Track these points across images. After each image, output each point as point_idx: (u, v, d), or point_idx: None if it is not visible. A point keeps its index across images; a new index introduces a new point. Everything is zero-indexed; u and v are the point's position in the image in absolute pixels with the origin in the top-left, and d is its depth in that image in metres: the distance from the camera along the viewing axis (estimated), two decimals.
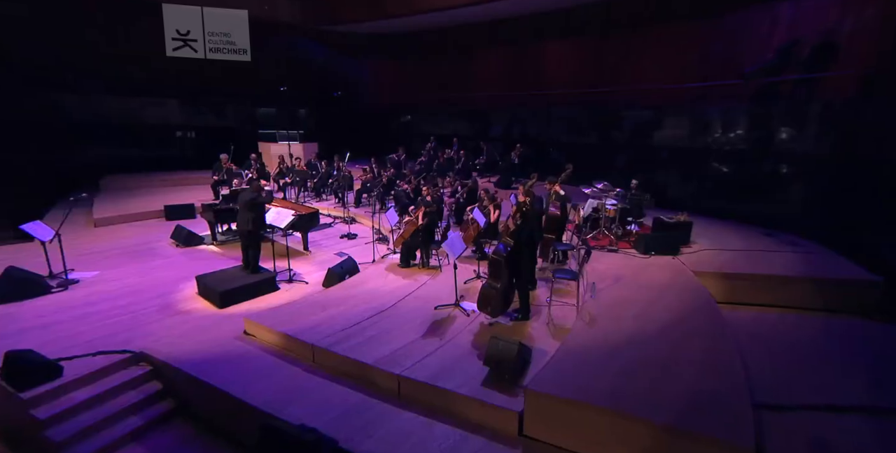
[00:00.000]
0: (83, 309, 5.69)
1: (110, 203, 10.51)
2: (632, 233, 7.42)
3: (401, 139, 14.91)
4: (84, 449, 3.94)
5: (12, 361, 4.38)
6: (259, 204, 6.33)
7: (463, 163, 11.53)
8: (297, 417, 3.71)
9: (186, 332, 5.12)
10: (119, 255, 7.59)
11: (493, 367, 4.10)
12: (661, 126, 10.41)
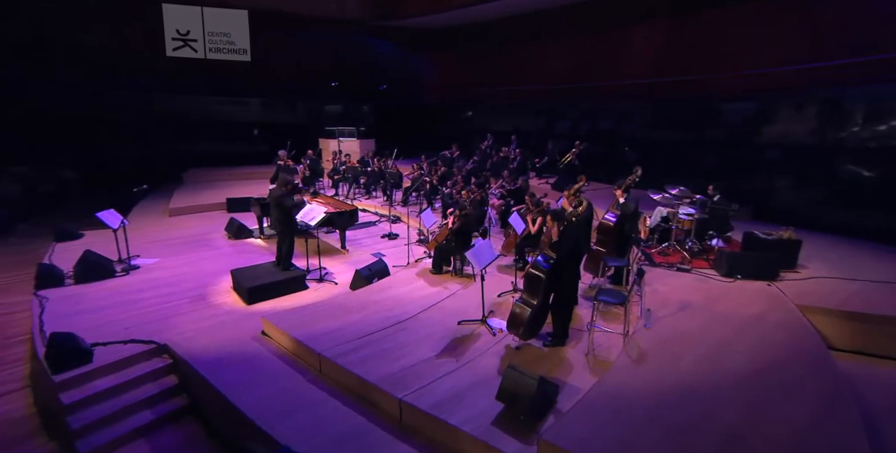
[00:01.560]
0: (132, 295, 5.87)
1: (186, 194, 11.20)
2: (712, 250, 6.20)
3: (462, 135, 14.37)
4: (95, 440, 3.89)
5: (54, 343, 4.50)
6: (284, 203, 6.15)
7: (519, 163, 10.71)
8: (290, 433, 3.34)
9: (210, 327, 5.03)
10: (179, 244, 7.92)
11: (506, 403, 3.42)
12: (769, 119, 8.44)
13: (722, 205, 6.25)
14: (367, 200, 10.73)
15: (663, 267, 6.04)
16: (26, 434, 4.14)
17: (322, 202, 8.24)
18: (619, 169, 8.95)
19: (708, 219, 6.27)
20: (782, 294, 5.11)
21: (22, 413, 4.37)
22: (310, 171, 11.57)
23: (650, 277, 5.65)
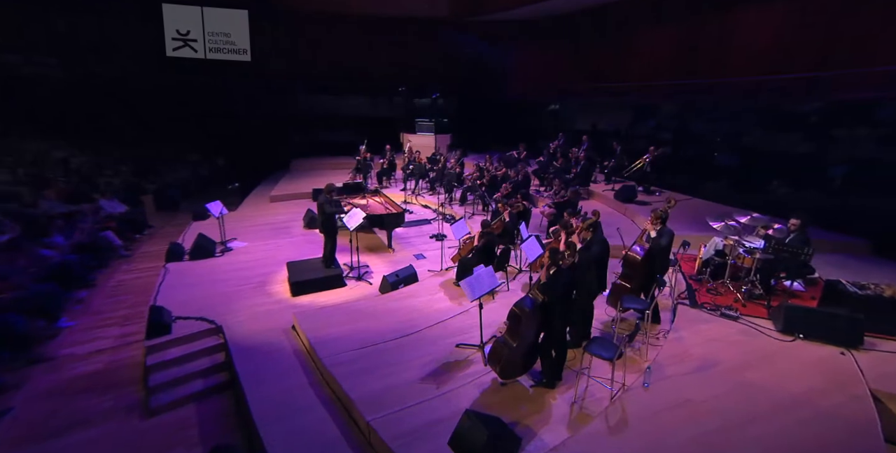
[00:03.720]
0: (218, 275, 6.69)
1: (289, 182, 12.31)
2: (775, 294, 4.90)
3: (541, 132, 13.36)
4: (162, 398, 4.54)
5: (151, 314, 5.41)
6: (325, 209, 6.34)
7: (582, 168, 9.61)
8: (276, 437, 3.54)
9: (258, 314, 5.52)
10: (266, 230, 8.79)
11: (457, 451, 3.20)
12: None
13: (792, 247, 4.86)
14: (430, 197, 10.69)
15: (705, 308, 4.99)
16: (129, 380, 4.97)
17: (377, 202, 8.42)
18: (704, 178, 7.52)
19: (773, 259, 4.94)
20: (857, 369, 3.87)
21: (136, 361, 5.21)
22: (387, 164, 11.91)
23: (682, 321, 4.76)
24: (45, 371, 5.01)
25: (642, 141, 10.23)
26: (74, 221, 8.78)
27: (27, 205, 9.02)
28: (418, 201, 10.56)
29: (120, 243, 8.64)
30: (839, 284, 4.56)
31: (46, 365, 5.12)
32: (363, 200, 8.61)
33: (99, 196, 10.52)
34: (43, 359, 5.20)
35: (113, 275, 7.52)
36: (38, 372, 4.99)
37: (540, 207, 8.40)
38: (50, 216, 8.62)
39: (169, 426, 4.27)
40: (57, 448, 4.01)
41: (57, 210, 9.07)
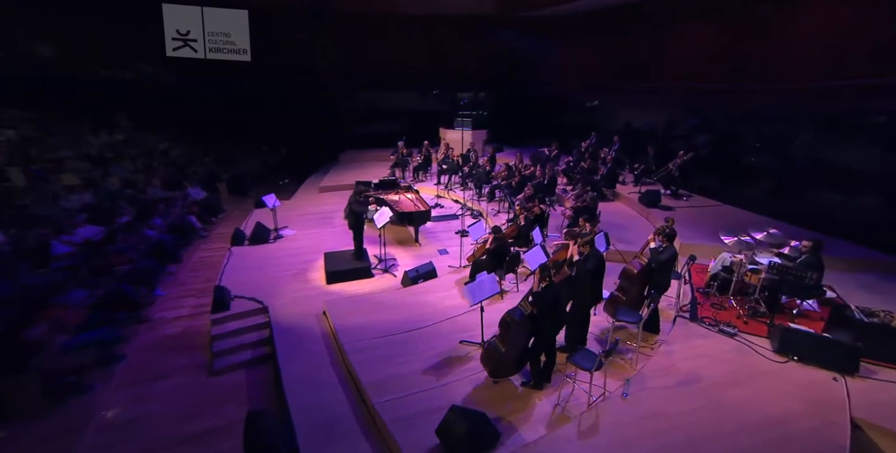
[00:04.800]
0: (270, 260, 7.36)
1: (337, 174, 12.88)
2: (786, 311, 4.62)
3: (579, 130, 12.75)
4: (221, 363, 5.26)
5: (215, 292, 6.17)
6: (355, 209, 6.66)
7: (608, 171, 9.17)
8: (300, 407, 4.02)
9: (297, 299, 6.08)
10: (312, 219, 9.41)
11: (441, 439, 3.50)
12: None
13: (795, 270, 4.48)
14: (461, 192, 10.77)
15: (704, 323, 4.80)
16: (200, 344, 5.73)
17: (408, 198, 8.66)
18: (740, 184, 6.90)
19: (778, 280, 4.61)
20: (845, 396, 3.65)
21: (205, 329, 5.90)
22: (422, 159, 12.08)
23: (678, 334, 4.65)
24: (145, 330, 5.91)
25: (678, 142, 9.48)
26: (169, 206, 9.97)
27: (140, 191, 10.26)
28: (450, 196, 10.69)
29: (200, 226, 9.69)
30: (846, 310, 4.20)
31: (146, 325, 6.02)
32: (396, 196, 8.90)
33: (188, 183, 11.73)
34: (144, 320, 6.11)
35: (193, 253, 8.49)
36: (141, 330, 5.89)
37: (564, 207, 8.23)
38: (154, 201, 9.85)
39: (225, 386, 4.97)
40: (148, 392, 4.80)
41: (159, 196, 10.31)
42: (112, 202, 9.21)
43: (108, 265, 6.94)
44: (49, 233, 7.24)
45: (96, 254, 7.21)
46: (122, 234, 8.11)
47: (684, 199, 8.66)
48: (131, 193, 10.03)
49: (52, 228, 7.47)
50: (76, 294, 5.91)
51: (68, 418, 4.32)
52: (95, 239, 7.60)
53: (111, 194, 9.63)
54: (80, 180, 10.00)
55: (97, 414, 4.38)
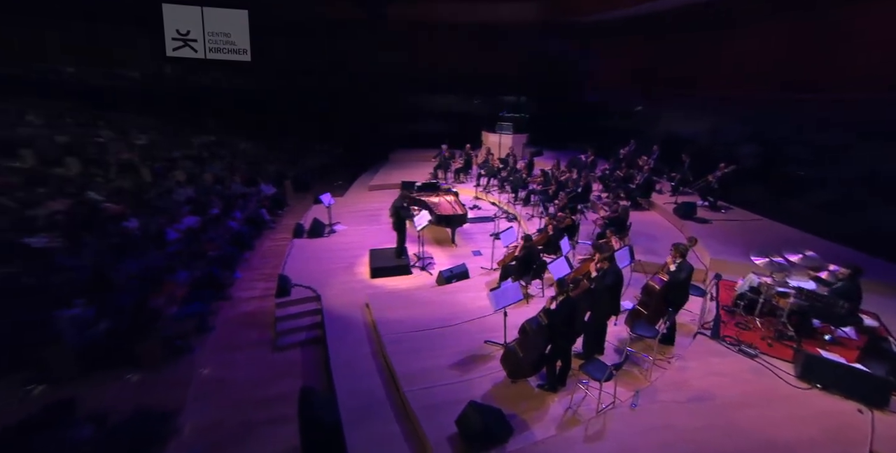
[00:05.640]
0: (324, 253, 7.99)
1: (386, 173, 13.38)
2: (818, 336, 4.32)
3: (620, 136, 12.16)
4: (283, 341, 5.91)
5: (279, 280, 6.91)
6: (398, 213, 6.99)
7: (644, 180, 8.70)
8: (343, 386, 4.49)
9: (345, 290, 6.60)
10: (361, 216, 9.97)
11: (459, 428, 3.78)
12: None
13: (826, 298, 4.10)
14: (499, 195, 10.81)
15: (725, 342, 4.60)
16: (267, 323, 6.37)
17: (447, 201, 8.89)
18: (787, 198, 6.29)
19: (808, 306, 4.26)
20: (869, 429, 3.41)
21: (271, 310, 6.46)
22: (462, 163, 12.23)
23: (695, 350, 4.52)
24: (228, 306, 6.74)
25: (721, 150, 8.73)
26: (246, 200, 11.09)
27: (226, 187, 11.50)
28: (487, 198, 10.79)
29: (269, 218, 10.69)
30: (884, 342, 3.83)
31: (228, 303, 6.86)
32: (436, 198, 9.18)
33: (261, 180, 12.89)
34: (227, 298, 6.96)
35: (264, 242, 9.43)
36: (225, 306, 6.72)
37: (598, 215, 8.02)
38: (235, 196, 11.01)
39: (285, 361, 5.63)
40: (230, 358, 5.56)
41: (239, 191, 11.49)
42: (206, 196, 10.44)
43: (202, 250, 7.98)
44: (165, 222, 8.43)
45: (194, 240, 8.31)
46: (213, 224, 9.23)
47: (722, 212, 8.03)
48: (220, 189, 11.27)
49: (166, 217, 8.68)
50: (181, 274, 6.91)
51: (179, 371, 5.20)
52: (194, 228, 8.73)
53: (206, 189, 10.91)
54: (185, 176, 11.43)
55: (197, 371, 5.22)
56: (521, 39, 14.16)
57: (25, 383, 4.62)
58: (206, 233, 8.71)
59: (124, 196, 9.44)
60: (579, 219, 7.42)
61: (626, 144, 10.61)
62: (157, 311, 5.66)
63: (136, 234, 7.79)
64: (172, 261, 7.09)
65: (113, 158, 11.21)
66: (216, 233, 8.84)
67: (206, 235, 8.64)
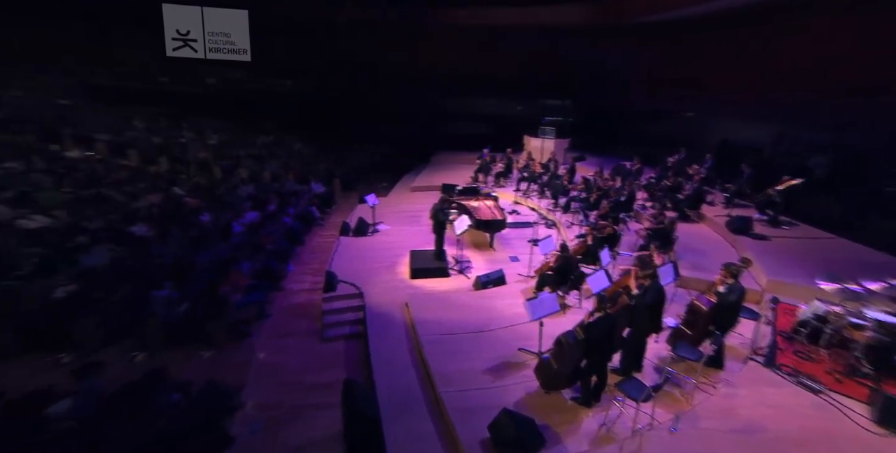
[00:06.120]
0: (367, 252, 8.26)
1: (428, 175, 13.55)
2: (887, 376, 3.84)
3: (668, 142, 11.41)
4: (329, 333, 6.19)
5: (326, 276, 7.28)
6: (438, 216, 7.06)
7: (694, 191, 8.07)
8: (382, 380, 4.68)
9: (386, 289, 6.81)
10: (403, 217, 10.19)
11: (491, 435, 3.79)
12: None
13: None
14: (538, 200, 10.59)
15: (781, 371, 4.19)
16: (315, 315, 6.71)
17: (487, 205, 8.85)
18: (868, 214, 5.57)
19: (889, 342, 3.75)
20: None
21: (319, 303, 6.85)
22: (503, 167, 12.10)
23: (746, 377, 4.19)
24: (281, 297, 7.14)
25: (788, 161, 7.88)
26: (299, 198, 11.77)
27: (281, 185, 12.30)
28: (527, 203, 10.61)
29: (318, 215, 11.25)
30: None
31: (281, 293, 7.28)
32: (476, 202, 9.17)
33: (312, 179, 13.61)
34: (280, 289, 7.40)
35: (313, 238, 9.91)
36: (278, 296, 7.14)
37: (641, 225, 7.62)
38: (289, 193, 11.73)
39: (330, 353, 5.94)
40: (282, 345, 5.93)
41: (293, 189, 12.23)
42: (265, 193, 11.23)
43: (260, 244, 8.61)
44: (232, 216, 9.20)
45: (255, 234, 8.98)
46: (270, 220, 9.91)
47: (784, 228, 7.24)
48: (277, 186, 12.06)
49: (232, 212, 9.47)
50: (244, 264, 7.52)
51: (241, 353, 5.68)
52: (255, 222, 9.43)
53: (265, 186, 11.72)
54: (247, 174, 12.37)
55: (256, 354, 5.67)
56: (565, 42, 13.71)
57: (130, 351, 5.29)
58: (264, 228, 9.37)
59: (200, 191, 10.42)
60: (621, 228, 7.07)
61: (674, 152, 9.94)
62: (225, 298, 6.20)
63: (208, 227, 8.57)
64: (236, 252, 7.71)
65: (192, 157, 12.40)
66: (273, 228, 9.47)
67: (265, 230, 9.29)
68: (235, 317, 6.05)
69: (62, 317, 5.24)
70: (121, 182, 9.66)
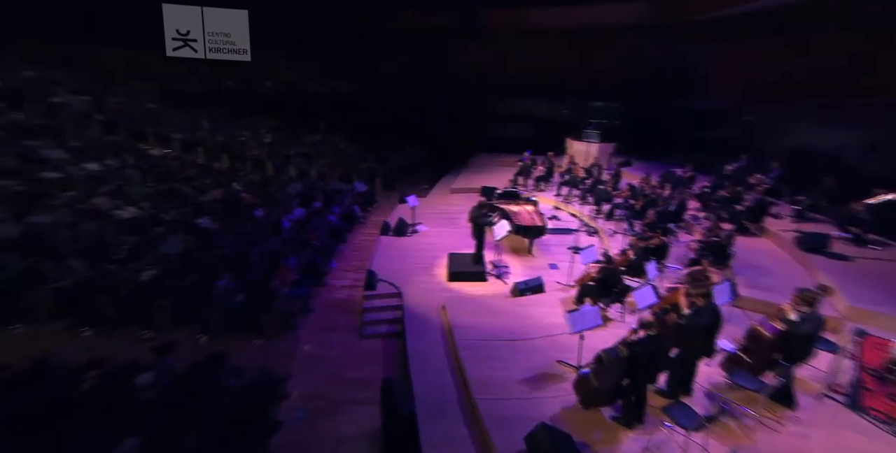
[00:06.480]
0: (406, 252, 8.35)
1: (467, 176, 13.51)
2: None
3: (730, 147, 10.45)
4: (368, 330, 6.38)
5: (367, 275, 7.47)
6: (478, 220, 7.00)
7: (756, 204, 7.31)
8: (419, 379, 4.75)
9: (424, 290, 6.88)
10: (441, 218, 10.22)
11: (529, 447, 3.71)
12: None
13: None
14: (580, 206, 10.21)
15: (867, 415, 3.71)
16: (355, 312, 6.89)
17: (527, 210, 8.65)
18: None
19: None
20: None
21: (360, 300, 7.09)
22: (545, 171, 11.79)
23: (821, 416, 3.77)
24: (324, 292, 7.46)
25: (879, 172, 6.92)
26: (342, 196, 12.23)
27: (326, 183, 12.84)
28: (568, 209, 10.26)
29: (360, 214, 11.62)
30: None
31: (324, 289, 7.61)
32: (516, 207, 9.00)
33: (355, 178, 14.07)
34: (323, 285, 7.74)
35: (355, 236, 10.26)
36: (322, 292, 7.47)
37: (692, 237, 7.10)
38: (334, 192, 12.22)
39: (369, 350, 6.11)
40: (324, 339, 6.22)
41: (337, 187, 12.73)
42: (311, 191, 11.78)
43: (306, 240, 9.06)
44: (282, 212, 9.76)
45: (301, 230, 9.46)
46: (315, 217, 10.39)
47: (873, 248, 6.35)
48: (322, 184, 12.60)
49: (282, 208, 10.04)
50: (291, 259, 7.96)
51: (288, 344, 6.03)
52: (301, 219, 9.94)
53: (311, 184, 12.30)
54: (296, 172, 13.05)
55: (300, 346, 5.98)
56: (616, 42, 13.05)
57: (194, 333, 5.80)
58: (310, 225, 9.84)
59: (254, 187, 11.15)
60: (670, 240, 6.63)
61: (735, 158, 9.12)
62: (275, 290, 6.59)
63: (261, 222, 9.14)
64: (285, 247, 8.17)
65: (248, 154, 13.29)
66: (318, 225, 9.92)
67: (310, 226, 9.76)
68: (283, 310, 6.40)
69: (145, 298, 5.85)
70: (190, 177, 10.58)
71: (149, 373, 4.42)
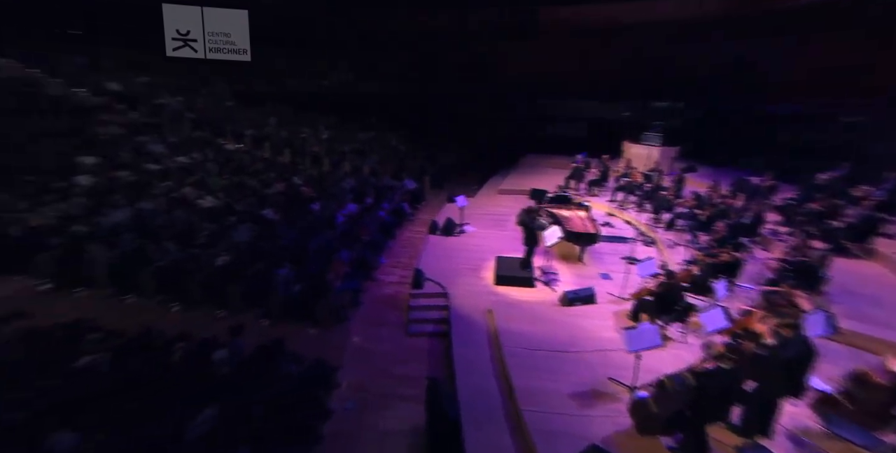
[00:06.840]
0: (454, 252, 8.41)
1: (516, 177, 13.25)
2: None
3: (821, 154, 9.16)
4: (413, 328, 6.44)
5: (414, 273, 7.62)
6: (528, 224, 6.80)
7: (866, 216, 6.29)
8: (464, 385, 4.78)
9: (471, 292, 6.87)
10: (489, 219, 10.11)
11: None
12: None
13: None
14: (636, 213, 9.57)
15: None
16: (402, 308, 7.01)
17: (579, 216, 8.27)
18: None
19: None
20: None
21: (406, 297, 7.20)
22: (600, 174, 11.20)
23: None
24: (373, 286, 7.66)
25: None
26: (393, 193, 12.52)
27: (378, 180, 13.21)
28: (623, 216, 9.68)
29: (409, 211, 11.85)
30: None
31: (373, 283, 7.81)
32: (567, 212, 8.67)
33: (405, 175, 14.35)
34: (373, 280, 7.95)
35: (403, 233, 10.45)
36: (371, 286, 7.67)
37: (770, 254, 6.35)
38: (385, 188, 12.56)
39: (414, 347, 6.22)
40: (373, 333, 6.41)
41: (388, 184, 13.05)
42: (363, 187, 12.22)
43: (358, 235, 9.44)
44: (336, 207, 10.25)
45: (353, 225, 9.87)
46: (367, 212, 10.77)
47: None
48: (374, 181, 13.01)
49: (336, 203, 10.54)
50: (344, 253, 8.35)
51: (340, 335, 6.31)
52: (354, 214, 10.36)
53: (364, 180, 12.75)
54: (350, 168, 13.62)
55: (350, 338, 6.28)
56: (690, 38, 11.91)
57: (258, 318, 6.33)
58: (361, 220, 10.22)
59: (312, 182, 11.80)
60: (742, 256, 6.00)
61: (830, 167, 7.97)
62: (329, 283, 6.96)
63: (318, 215, 9.67)
64: (338, 241, 8.57)
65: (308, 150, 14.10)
66: (369, 220, 10.27)
67: (362, 221, 10.13)
68: (336, 302, 6.74)
69: (220, 281, 6.48)
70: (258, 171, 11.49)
71: (224, 350, 4.89)
